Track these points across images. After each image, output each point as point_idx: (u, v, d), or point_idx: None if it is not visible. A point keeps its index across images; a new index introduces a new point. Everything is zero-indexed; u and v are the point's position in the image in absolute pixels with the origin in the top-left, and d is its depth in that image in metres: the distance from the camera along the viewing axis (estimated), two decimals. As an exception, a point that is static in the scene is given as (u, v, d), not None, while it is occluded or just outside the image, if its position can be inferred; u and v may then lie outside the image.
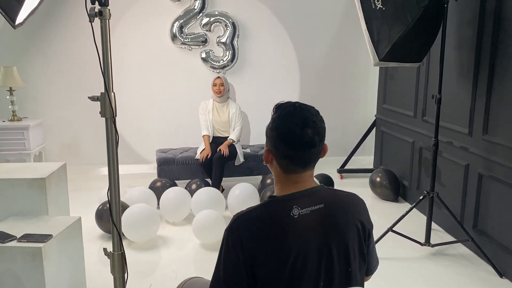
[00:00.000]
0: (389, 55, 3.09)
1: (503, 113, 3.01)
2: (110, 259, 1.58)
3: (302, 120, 1.30)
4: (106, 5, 1.42)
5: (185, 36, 5.06)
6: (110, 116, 1.52)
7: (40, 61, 5.05)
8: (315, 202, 1.31)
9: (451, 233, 3.64)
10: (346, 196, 1.40)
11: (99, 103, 1.55)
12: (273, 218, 1.28)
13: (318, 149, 1.32)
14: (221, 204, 3.93)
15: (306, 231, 1.27)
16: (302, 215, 1.28)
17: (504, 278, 2.98)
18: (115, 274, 1.59)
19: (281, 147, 1.31)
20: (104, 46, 1.48)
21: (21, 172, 2.77)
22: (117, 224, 1.52)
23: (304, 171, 1.34)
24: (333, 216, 1.32)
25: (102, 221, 3.64)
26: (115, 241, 1.56)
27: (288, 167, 1.33)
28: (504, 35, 2.98)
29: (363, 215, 1.39)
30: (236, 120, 4.61)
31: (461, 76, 3.44)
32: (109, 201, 1.54)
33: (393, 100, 4.78)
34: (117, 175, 1.58)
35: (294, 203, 1.29)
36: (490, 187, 3.16)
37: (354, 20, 5.34)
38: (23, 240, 2.28)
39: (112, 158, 1.54)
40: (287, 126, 1.30)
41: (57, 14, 4.97)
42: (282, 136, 1.31)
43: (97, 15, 1.42)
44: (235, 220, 1.31)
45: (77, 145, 5.28)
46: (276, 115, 1.35)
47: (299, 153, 1.30)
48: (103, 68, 1.45)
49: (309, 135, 1.29)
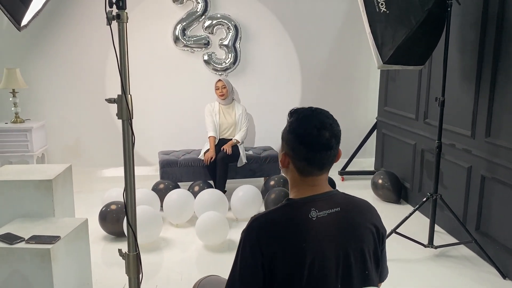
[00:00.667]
0: (393, 58, 3.12)
1: (506, 116, 3.04)
2: (125, 260, 1.59)
3: (319, 122, 1.33)
4: (124, 8, 1.44)
5: (187, 38, 5.08)
6: (127, 118, 1.54)
7: (43, 63, 5.06)
8: (332, 205, 1.33)
9: (453, 235, 3.66)
10: (360, 201, 1.43)
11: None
12: (291, 221, 1.30)
13: (334, 152, 1.35)
14: (224, 206, 3.94)
15: (323, 234, 1.29)
16: (319, 218, 1.30)
17: (507, 279, 3.00)
18: (130, 275, 1.61)
19: (299, 149, 1.33)
20: (122, 48, 1.50)
21: (27, 173, 2.78)
22: (132, 225, 1.53)
23: (321, 174, 1.36)
24: (349, 219, 1.34)
25: (106, 223, 3.65)
26: (130, 242, 1.58)
27: (305, 169, 1.35)
28: (507, 38, 3.01)
29: (377, 220, 1.41)
30: (242, 121, 4.64)
31: (464, 78, 3.47)
32: (125, 202, 1.56)
33: (395, 102, 4.81)
34: (133, 177, 1.59)
35: (312, 206, 1.31)
36: (493, 189, 3.19)
37: (355, 23, 5.39)
38: (32, 242, 2.29)
39: (128, 159, 1.56)
40: (304, 128, 1.33)
41: (60, 16, 4.99)
42: (300, 138, 1.33)
43: (114, 18, 1.43)
44: (253, 222, 1.32)
45: (80, 147, 5.29)
46: (293, 119, 1.38)
47: (317, 155, 1.32)
48: (121, 70, 1.46)
49: (326, 137, 1.32)
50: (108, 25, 1.44)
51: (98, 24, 5.07)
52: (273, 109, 5.44)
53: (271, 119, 5.44)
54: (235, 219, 4.06)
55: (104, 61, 5.15)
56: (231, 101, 4.68)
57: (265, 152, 4.86)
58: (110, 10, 1.43)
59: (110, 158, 5.33)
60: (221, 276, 1.83)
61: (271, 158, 4.74)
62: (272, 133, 5.44)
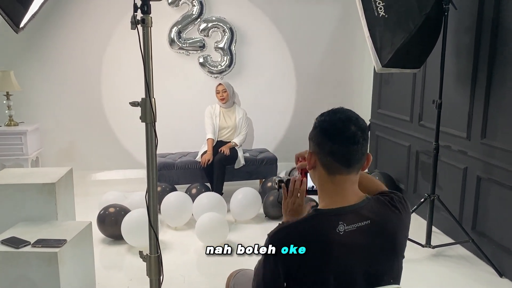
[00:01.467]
0: (391, 62, 3.17)
1: (501, 118, 3.11)
2: (146, 262, 1.60)
3: (345, 116, 1.32)
4: (149, 13, 1.45)
5: (183, 41, 5.09)
6: (150, 121, 1.55)
7: (37, 66, 5.02)
8: (361, 218, 1.30)
9: (449, 235, 3.73)
10: (392, 213, 1.37)
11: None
12: (318, 234, 1.27)
13: (361, 149, 1.30)
14: (223, 209, 3.95)
15: (350, 249, 1.27)
16: (347, 232, 1.27)
17: (504, 277, 3.07)
18: (151, 277, 1.61)
19: (324, 142, 1.30)
20: (146, 52, 1.51)
21: (29, 177, 2.77)
22: (154, 227, 1.54)
23: (348, 173, 1.32)
24: (379, 233, 1.31)
25: (105, 226, 3.64)
26: (152, 243, 1.59)
27: (332, 166, 1.31)
28: (502, 42, 3.09)
29: (405, 232, 1.39)
30: (242, 125, 4.66)
31: (460, 81, 3.54)
32: (147, 204, 1.57)
33: (389, 105, 4.88)
34: (155, 179, 1.60)
35: (341, 219, 1.28)
36: (489, 189, 3.26)
37: (349, 27, 5.46)
38: (38, 246, 2.28)
39: (151, 161, 1.57)
40: (330, 122, 1.32)
41: (55, 18, 4.95)
42: (325, 130, 1.31)
43: (139, 23, 1.44)
44: (279, 231, 1.30)
45: (74, 150, 5.25)
46: (320, 117, 1.36)
47: (342, 148, 1.28)
48: (145, 73, 1.48)
49: (352, 130, 1.29)
50: (133, 29, 1.45)
51: (93, 27, 5.05)
52: (268, 111, 5.48)
53: (266, 122, 5.47)
54: (234, 221, 4.07)
55: (99, 64, 5.13)
56: (232, 104, 4.69)
57: (261, 154, 4.89)
58: (135, 14, 1.44)
59: (104, 161, 5.31)
60: (251, 269, 1.85)
61: (268, 160, 4.77)
62: (267, 136, 5.49)
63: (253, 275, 1.36)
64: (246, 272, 1.83)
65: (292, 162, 5.17)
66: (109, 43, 5.09)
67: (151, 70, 1.51)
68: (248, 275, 1.74)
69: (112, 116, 5.24)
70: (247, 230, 3.93)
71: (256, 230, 3.93)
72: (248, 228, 3.97)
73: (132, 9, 1.48)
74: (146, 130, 1.55)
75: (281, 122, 5.58)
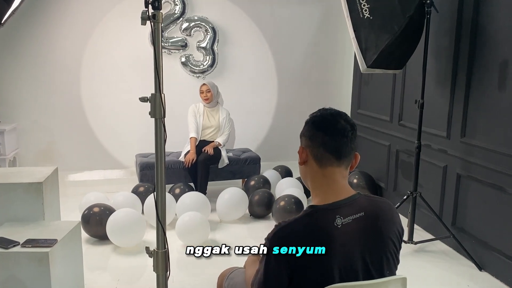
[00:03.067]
0: (376, 62, 3.25)
1: (480, 117, 3.24)
2: (153, 257, 1.60)
3: (335, 111, 1.43)
4: (159, 9, 1.45)
5: (165, 40, 5.06)
6: (160, 117, 1.55)
7: (14, 64, 4.90)
8: (356, 210, 1.35)
9: (429, 231, 3.84)
10: (383, 202, 1.45)
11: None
12: (316, 230, 1.31)
13: (350, 142, 1.38)
14: (207, 208, 3.94)
15: (349, 240, 1.32)
16: (344, 225, 1.32)
17: (483, 271, 3.19)
18: (158, 272, 1.61)
19: (316, 134, 1.39)
20: (156, 48, 1.51)
21: (15, 176, 2.71)
22: (162, 222, 1.54)
23: (339, 166, 1.38)
24: (374, 224, 1.37)
25: (89, 225, 3.58)
26: (159, 239, 1.59)
27: (323, 157, 1.37)
28: (480, 44, 3.21)
29: (399, 221, 1.46)
30: (225, 125, 4.66)
31: (440, 82, 3.66)
32: (155, 199, 1.57)
33: (368, 105, 4.98)
34: (164, 175, 1.60)
35: (337, 213, 1.33)
36: (468, 186, 3.38)
37: (330, 28, 5.55)
38: (28, 246, 2.24)
39: (160, 157, 1.57)
40: (321, 116, 1.42)
41: (32, 15, 4.84)
42: (316, 123, 1.41)
43: (150, 19, 1.44)
44: (278, 231, 1.32)
45: (52, 151, 5.15)
46: (311, 114, 1.46)
47: (333, 139, 1.36)
48: (157, 69, 1.48)
49: (342, 123, 1.39)
50: (143, 25, 1.45)
51: (72, 25, 4.96)
52: (250, 111, 5.51)
53: (248, 122, 5.50)
54: (219, 221, 4.08)
55: (79, 63, 5.05)
56: (216, 104, 4.70)
57: (244, 154, 4.91)
58: (145, 10, 1.45)
59: (83, 162, 5.22)
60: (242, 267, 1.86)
61: (251, 160, 4.80)
62: (249, 135, 5.51)
63: (249, 275, 1.37)
64: (239, 271, 1.83)
65: (274, 162, 5.22)
66: (88, 41, 5.02)
67: (161, 65, 1.51)
68: (242, 274, 1.75)
69: (92, 116, 5.16)
70: (232, 229, 3.94)
71: (242, 229, 3.94)
72: (233, 227, 3.98)
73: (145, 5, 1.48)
74: (155, 126, 1.55)
75: (263, 122, 5.62)
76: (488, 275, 3.14)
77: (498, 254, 3.07)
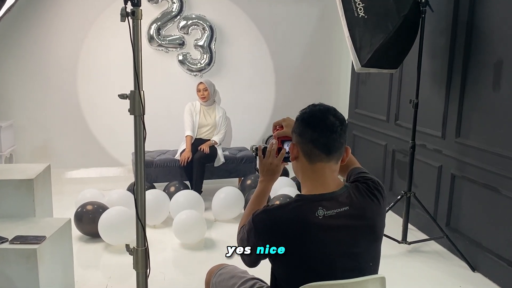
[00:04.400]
0: (370, 62, 3.24)
1: (475, 117, 3.22)
2: (133, 255, 1.59)
3: (324, 108, 1.44)
4: (139, 5, 1.45)
5: (162, 38, 5.06)
6: (139, 114, 1.55)
7: (11, 61, 4.91)
8: (340, 204, 1.38)
9: (423, 231, 3.82)
10: (370, 194, 1.45)
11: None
12: (299, 218, 1.35)
13: (339, 138, 1.40)
14: (200, 207, 3.94)
15: (329, 232, 1.34)
16: (326, 217, 1.35)
17: (477, 272, 3.17)
18: (138, 270, 1.61)
19: (305, 131, 1.41)
20: (136, 45, 1.50)
21: (5, 173, 2.70)
22: (142, 219, 1.54)
23: (328, 161, 1.41)
24: (358, 218, 1.39)
25: (82, 223, 3.58)
26: (139, 236, 1.58)
27: (313, 153, 1.40)
28: (476, 44, 3.20)
29: (384, 212, 1.47)
30: (222, 124, 4.66)
31: (435, 82, 3.64)
32: (134, 196, 1.56)
33: (366, 105, 4.96)
34: (143, 171, 1.60)
35: (320, 205, 1.36)
36: (463, 186, 3.36)
37: (328, 27, 5.54)
38: (16, 242, 2.24)
39: (140, 155, 1.57)
40: (310, 112, 1.44)
41: (29, 13, 4.85)
42: (306, 120, 1.42)
43: (129, 15, 1.43)
44: (263, 212, 1.38)
45: (49, 148, 5.15)
46: (301, 111, 1.47)
47: (322, 136, 1.39)
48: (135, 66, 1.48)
49: (331, 119, 1.40)
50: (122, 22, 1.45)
51: (69, 22, 4.97)
52: (247, 110, 5.50)
53: (246, 120, 5.49)
54: (214, 220, 4.07)
55: (75, 60, 5.05)
56: (212, 102, 4.69)
57: (240, 153, 4.90)
58: (124, 7, 1.44)
59: (79, 159, 5.23)
60: (229, 264, 1.86)
61: (247, 159, 4.79)
62: (245, 134, 5.50)
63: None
64: (227, 268, 1.84)
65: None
66: (85, 39, 5.02)
67: (140, 62, 1.51)
68: (229, 271, 1.76)
69: (89, 113, 5.17)
70: (227, 228, 3.93)
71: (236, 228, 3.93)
72: (228, 226, 3.97)
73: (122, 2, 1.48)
74: (134, 123, 1.55)
75: (260, 120, 5.61)
76: (481, 276, 3.13)
77: (491, 255, 3.05)
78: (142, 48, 5.29)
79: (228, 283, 1.72)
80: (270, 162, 1.61)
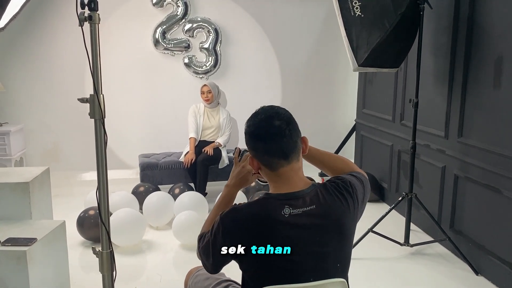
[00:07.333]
0: (367, 61, 3.19)
1: (477, 116, 3.13)
2: (99, 258, 1.61)
3: (265, 115, 1.40)
4: (96, 10, 1.46)
5: (168, 41, 5.10)
6: (99, 117, 1.56)
7: (21, 66, 5.02)
8: (306, 203, 1.36)
9: (428, 233, 3.74)
10: (338, 194, 1.41)
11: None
12: (265, 216, 1.34)
13: (291, 138, 1.38)
14: (204, 208, 3.95)
15: (295, 230, 1.33)
16: (292, 215, 1.33)
17: (480, 275, 3.08)
18: (103, 272, 1.62)
19: (257, 145, 1.39)
20: (94, 49, 1.52)
21: (3, 176, 2.76)
22: (105, 223, 1.55)
23: (289, 163, 1.39)
24: (324, 216, 1.37)
25: (83, 229, 3.59)
26: (104, 239, 1.59)
27: (271, 162, 1.39)
28: (477, 42, 3.11)
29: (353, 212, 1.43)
30: (226, 126, 4.66)
31: (437, 81, 3.56)
32: (97, 200, 1.58)
33: (372, 104, 4.89)
34: (105, 175, 1.61)
35: (287, 203, 1.35)
36: (466, 188, 3.28)
37: (334, 27, 5.46)
38: (7, 244, 2.28)
39: (101, 158, 1.58)
40: (254, 125, 1.40)
41: (37, 18, 4.95)
42: (253, 134, 1.40)
43: (86, 20, 1.45)
44: (231, 211, 1.37)
45: (59, 151, 5.25)
46: (246, 123, 1.44)
47: (273, 144, 1.36)
48: (93, 70, 1.49)
49: (276, 124, 1.37)
50: (80, 26, 1.46)
51: (75, 26, 5.04)
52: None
53: (252, 122, 5.47)
54: (216, 221, 4.07)
55: (83, 63, 5.12)
56: (216, 105, 4.70)
57: (245, 155, 4.89)
58: (82, 11, 1.46)
59: (89, 162, 5.28)
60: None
61: (252, 160, 4.77)
62: (252, 136, 5.48)
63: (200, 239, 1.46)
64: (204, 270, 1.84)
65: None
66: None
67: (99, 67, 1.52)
68: (206, 272, 1.75)
69: (97, 116, 5.24)
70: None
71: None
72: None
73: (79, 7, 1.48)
74: (95, 127, 1.56)
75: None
76: (484, 279, 3.04)
77: (495, 259, 2.96)
78: (148, 51, 5.34)
79: (203, 284, 1.72)
80: (243, 166, 1.59)
